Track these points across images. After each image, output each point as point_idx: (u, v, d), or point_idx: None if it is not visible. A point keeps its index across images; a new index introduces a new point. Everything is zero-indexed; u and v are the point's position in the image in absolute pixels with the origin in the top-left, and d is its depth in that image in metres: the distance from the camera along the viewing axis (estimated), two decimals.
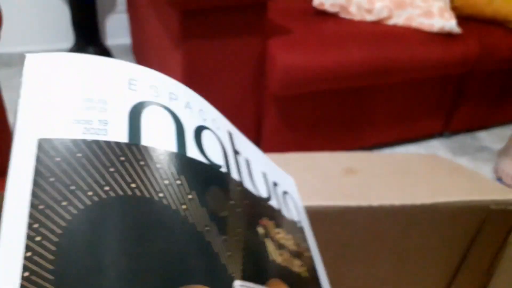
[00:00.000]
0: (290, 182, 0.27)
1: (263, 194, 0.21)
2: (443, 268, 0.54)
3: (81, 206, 0.13)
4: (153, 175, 0.15)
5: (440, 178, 0.54)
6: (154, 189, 0.15)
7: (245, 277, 0.15)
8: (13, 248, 0.12)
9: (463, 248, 0.52)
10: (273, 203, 0.21)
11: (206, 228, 0.15)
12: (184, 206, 0.15)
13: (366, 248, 0.48)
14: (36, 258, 0.12)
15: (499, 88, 1.48)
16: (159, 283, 0.13)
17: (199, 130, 0.17)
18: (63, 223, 0.13)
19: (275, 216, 0.20)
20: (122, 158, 0.15)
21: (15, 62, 1.67)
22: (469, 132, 1.57)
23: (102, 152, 0.14)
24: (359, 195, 0.43)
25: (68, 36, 1.71)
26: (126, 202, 0.14)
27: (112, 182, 0.14)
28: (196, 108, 0.18)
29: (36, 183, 0.13)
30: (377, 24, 1.30)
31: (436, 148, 1.45)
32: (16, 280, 0.12)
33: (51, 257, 0.12)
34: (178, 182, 0.15)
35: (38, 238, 0.12)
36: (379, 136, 1.39)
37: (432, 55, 1.26)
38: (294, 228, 0.22)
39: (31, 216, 0.13)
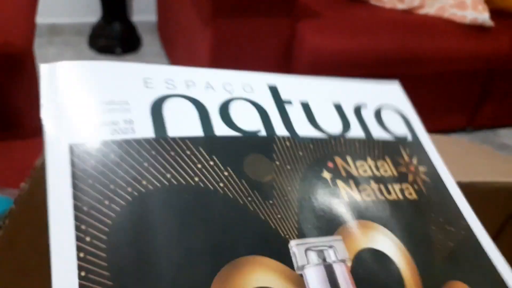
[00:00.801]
0: (389, 91, 0.24)
1: (336, 130, 0.20)
2: None
3: (123, 203, 0.14)
4: (185, 162, 0.16)
5: (476, 160, 0.54)
6: (189, 175, 0.16)
7: (302, 235, 0.16)
8: (65, 250, 0.13)
9: (497, 228, 0.52)
10: (354, 133, 0.21)
11: (249, 198, 0.16)
12: (221, 184, 0.16)
13: None
14: (89, 257, 0.13)
15: None
16: (210, 263, 0.14)
17: (225, 106, 0.18)
18: (109, 221, 0.14)
19: (356, 147, 0.20)
20: (153, 152, 0.16)
21: (44, 32, 1.69)
22: (491, 129, 1.55)
23: (133, 150, 0.15)
24: None
25: (96, 10, 1.72)
26: (164, 192, 0.15)
27: (148, 176, 0.15)
28: (218, 85, 0.19)
29: (75, 187, 0.14)
30: (408, 13, 1.28)
31: None
32: (74, 280, 0.13)
33: (103, 254, 0.13)
34: (211, 163, 0.16)
35: (88, 239, 0.13)
36: None
37: (462, 47, 1.24)
38: (394, 148, 0.21)
39: (77, 218, 0.14)
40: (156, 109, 0.17)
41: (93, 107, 0.16)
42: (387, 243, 0.17)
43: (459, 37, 1.24)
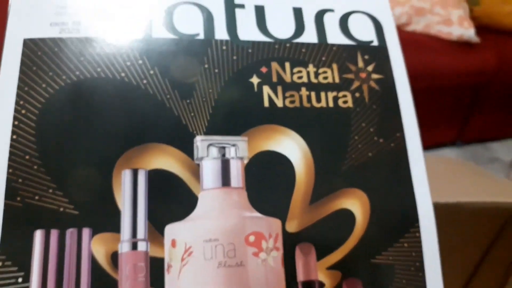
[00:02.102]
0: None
1: (285, 35, 0.20)
2: (463, 267, 0.55)
3: (57, 87, 0.18)
4: (115, 59, 0.18)
5: (464, 179, 0.54)
6: (117, 70, 0.18)
7: (209, 132, 0.18)
8: (4, 119, 0.17)
9: (483, 248, 0.53)
10: (305, 38, 0.21)
11: (167, 96, 0.18)
12: (144, 81, 0.18)
13: None
14: (21, 125, 0.17)
15: None
16: (120, 144, 0.17)
17: (170, 10, 0.20)
18: (42, 100, 0.17)
19: (300, 53, 0.20)
20: (89, 49, 0.18)
21: None
22: (481, 143, 1.57)
23: (74, 46, 0.18)
24: None
25: None
26: (92, 82, 0.18)
27: (82, 68, 0.18)
28: None
29: (22, 71, 0.18)
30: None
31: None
32: (7, 142, 0.17)
33: (33, 124, 0.17)
34: (140, 62, 0.19)
35: (23, 111, 0.17)
36: None
37: (449, 63, 1.27)
38: (350, 53, 0.21)
39: (18, 95, 0.17)
40: (102, 12, 0.20)
41: (48, 10, 0.19)
42: (292, 147, 0.19)
43: (446, 53, 1.26)
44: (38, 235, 0.16)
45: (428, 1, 1.28)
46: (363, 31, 0.21)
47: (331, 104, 0.20)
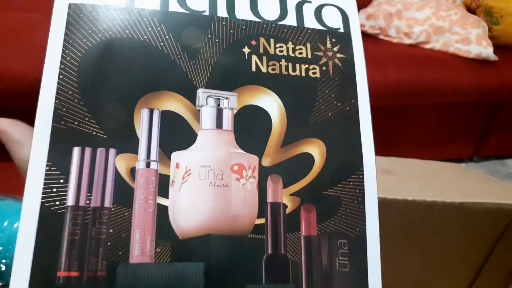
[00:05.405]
0: None
1: (272, 17, 0.26)
2: (467, 266, 0.57)
3: (94, 42, 0.23)
4: (140, 24, 0.24)
5: (470, 183, 0.57)
6: (141, 34, 0.24)
7: (209, 86, 0.24)
8: (53, 63, 0.22)
9: (487, 248, 0.56)
10: (287, 21, 0.26)
11: (178, 56, 0.24)
12: (161, 43, 0.24)
13: (396, 241, 0.52)
14: (66, 68, 0.22)
15: None
16: (143, 88, 0.23)
17: None
18: (83, 50, 0.23)
19: (283, 32, 0.26)
20: (121, 16, 0.24)
21: None
22: (499, 159, 1.58)
23: (109, 12, 0.24)
24: (395, 190, 0.47)
25: None
26: (121, 41, 0.23)
27: (114, 29, 0.23)
28: None
29: (67, 28, 0.23)
30: (415, 47, 1.34)
31: None
32: (55, 80, 0.22)
33: (75, 68, 0.22)
34: (159, 28, 0.24)
35: (68, 58, 0.22)
36: (409, 156, 1.42)
37: (466, 81, 1.30)
38: (321, 36, 0.26)
39: (64, 46, 0.22)
40: None
41: None
42: (271, 103, 0.24)
43: (464, 70, 1.29)
44: (76, 150, 0.21)
45: (447, 20, 1.32)
46: (333, 20, 0.27)
47: (303, 74, 0.25)
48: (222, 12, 0.25)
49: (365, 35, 1.39)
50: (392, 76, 1.23)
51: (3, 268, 0.40)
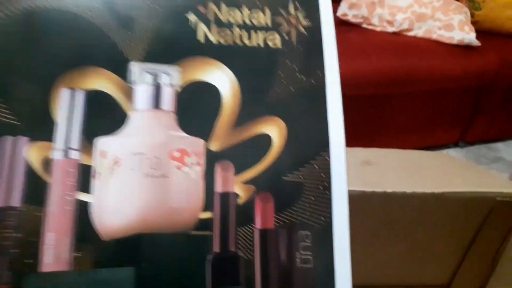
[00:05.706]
0: None
1: None
2: (451, 255, 0.55)
3: (9, 14, 0.19)
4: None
5: (450, 172, 0.55)
6: (71, 3, 0.20)
7: (147, 60, 0.20)
8: None
9: (469, 237, 0.54)
10: None
11: (108, 26, 0.20)
12: (90, 13, 0.20)
13: (377, 234, 0.50)
14: None
15: None
16: (63, 64, 0.19)
17: None
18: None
19: None
20: None
21: None
22: (485, 143, 1.57)
23: None
24: (374, 183, 0.45)
25: None
26: (42, 12, 0.20)
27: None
28: None
29: None
30: (398, 35, 1.32)
31: None
32: None
33: None
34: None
35: None
36: (395, 144, 1.40)
37: (450, 67, 1.28)
38: (283, 1, 0.23)
39: None
40: None
41: None
42: (221, 78, 0.20)
43: (448, 56, 1.27)
44: None
45: (429, 7, 1.29)
46: None
47: (261, 44, 0.21)
48: None
49: (348, 24, 1.36)
50: (376, 64, 1.21)
51: None
